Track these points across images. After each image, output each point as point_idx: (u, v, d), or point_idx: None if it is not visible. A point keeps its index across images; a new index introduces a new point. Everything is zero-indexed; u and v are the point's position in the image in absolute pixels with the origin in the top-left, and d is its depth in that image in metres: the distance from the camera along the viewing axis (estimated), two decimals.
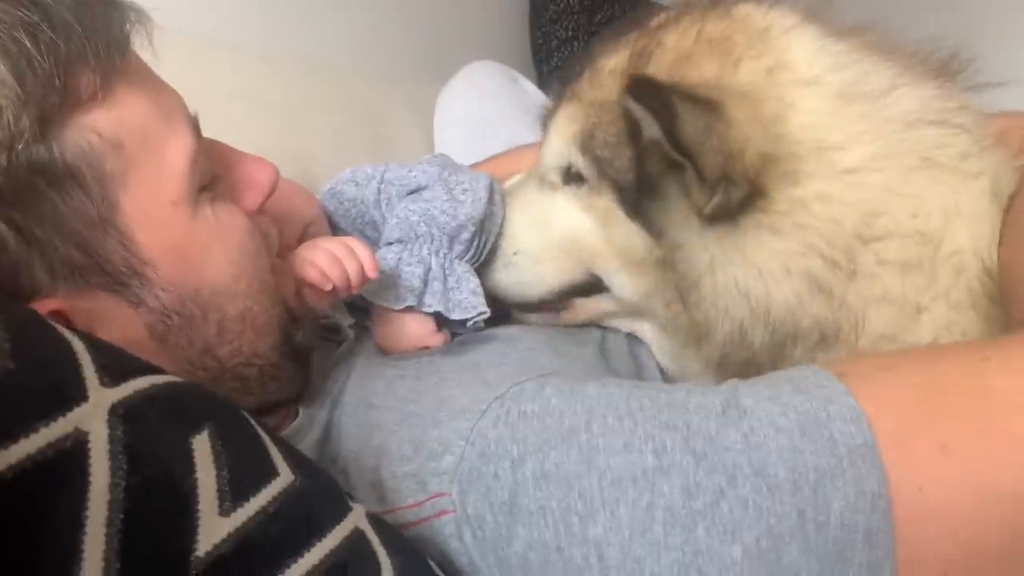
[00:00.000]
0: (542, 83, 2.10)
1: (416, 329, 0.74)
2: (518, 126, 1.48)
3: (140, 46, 0.59)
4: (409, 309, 0.73)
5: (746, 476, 0.48)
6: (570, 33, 2.13)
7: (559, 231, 0.81)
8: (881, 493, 0.46)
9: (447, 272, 0.75)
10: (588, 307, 0.85)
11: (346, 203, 0.85)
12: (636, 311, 0.82)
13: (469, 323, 0.73)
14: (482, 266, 0.81)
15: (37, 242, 0.52)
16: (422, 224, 0.76)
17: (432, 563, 0.52)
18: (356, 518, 0.48)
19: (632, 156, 0.70)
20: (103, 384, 0.40)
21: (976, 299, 0.64)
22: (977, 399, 0.49)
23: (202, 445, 0.43)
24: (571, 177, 0.79)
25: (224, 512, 0.42)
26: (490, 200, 0.80)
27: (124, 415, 0.40)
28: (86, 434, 0.38)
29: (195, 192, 0.59)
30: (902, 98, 0.68)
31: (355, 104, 1.41)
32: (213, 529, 0.41)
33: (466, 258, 0.77)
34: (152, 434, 0.41)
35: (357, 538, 0.47)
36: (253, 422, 0.48)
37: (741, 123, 0.64)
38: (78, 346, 0.42)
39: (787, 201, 0.65)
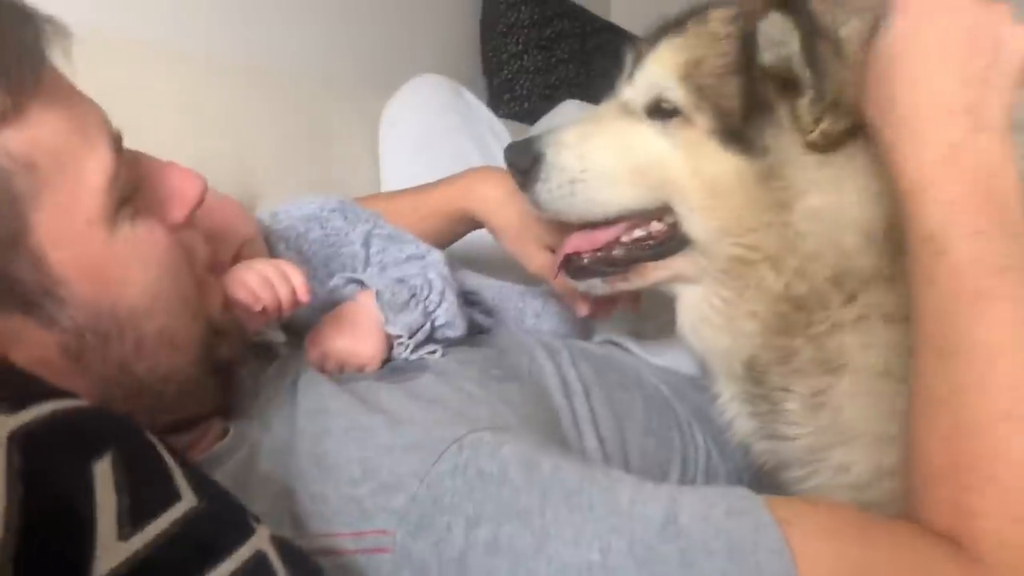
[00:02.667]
0: (492, 96, 2.12)
1: (372, 349, 0.82)
2: (462, 140, 1.50)
3: (57, 60, 0.57)
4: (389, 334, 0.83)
5: None
6: (520, 47, 2.15)
7: (642, 157, 0.83)
8: None
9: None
10: (657, 272, 0.87)
11: (328, 229, 0.94)
12: (701, 268, 0.83)
13: (414, 355, 0.80)
14: (536, 182, 0.87)
15: None
16: (435, 293, 0.87)
17: None
18: (259, 540, 0.49)
19: (742, 83, 0.76)
20: (2, 412, 0.41)
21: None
22: None
23: (103, 471, 0.43)
24: (657, 112, 0.82)
25: (123, 537, 0.43)
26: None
27: (22, 443, 0.41)
28: None
29: (113, 210, 0.58)
30: None
31: (299, 115, 1.40)
32: (111, 554, 0.42)
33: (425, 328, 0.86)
34: (51, 461, 0.42)
35: (260, 560, 0.48)
36: (159, 446, 0.49)
37: (852, 60, 0.71)
38: None
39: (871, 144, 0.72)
